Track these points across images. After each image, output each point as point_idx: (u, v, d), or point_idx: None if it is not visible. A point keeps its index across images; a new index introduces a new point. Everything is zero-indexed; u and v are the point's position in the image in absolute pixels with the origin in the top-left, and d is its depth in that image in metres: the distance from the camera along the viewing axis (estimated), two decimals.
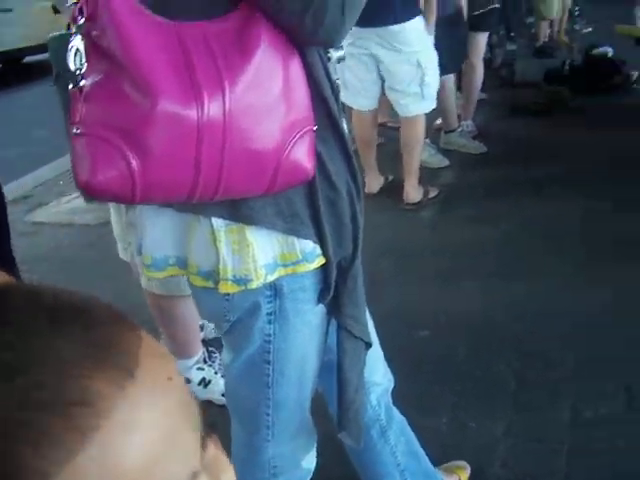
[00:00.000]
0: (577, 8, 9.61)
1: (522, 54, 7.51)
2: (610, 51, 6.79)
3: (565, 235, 3.58)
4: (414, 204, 4.02)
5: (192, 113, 0.97)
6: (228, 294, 1.18)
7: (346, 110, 4.04)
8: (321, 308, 1.26)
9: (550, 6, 8.21)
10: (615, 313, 2.86)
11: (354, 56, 3.67)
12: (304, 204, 1.15)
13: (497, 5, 4.95)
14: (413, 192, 4.04)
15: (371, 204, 3.90)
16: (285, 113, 1.04)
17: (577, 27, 9.45)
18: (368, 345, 1.32)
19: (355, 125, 4.10)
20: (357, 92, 3.95)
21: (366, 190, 4.10)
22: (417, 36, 3.65)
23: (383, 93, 3.97)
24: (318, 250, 1.18)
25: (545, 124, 5.59)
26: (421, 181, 4.11)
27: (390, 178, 4.29)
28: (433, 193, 4.10)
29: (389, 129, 5.01)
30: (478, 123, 5.30)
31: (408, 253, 3.45)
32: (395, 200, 4.07)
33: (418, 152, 4.03)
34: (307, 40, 1.07)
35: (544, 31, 8.40)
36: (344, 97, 3.95)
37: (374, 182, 4.20)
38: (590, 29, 9.44)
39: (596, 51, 6.85)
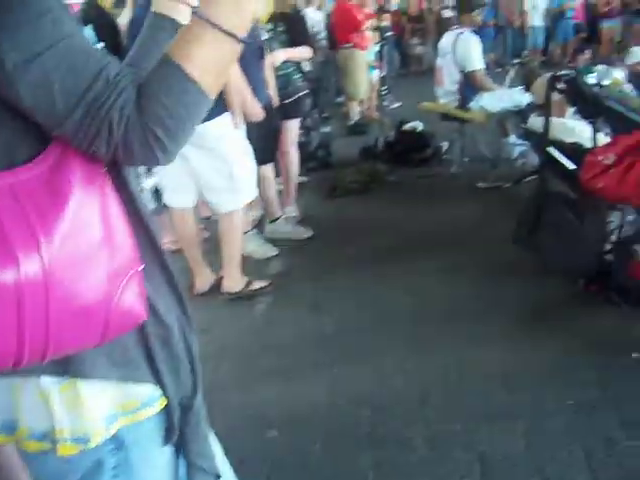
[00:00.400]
0: (385, 87, 10.33)
1: (337, 134, 7.89)
2: (420, 125, 7.30)
3: (398, 311, 3.78)
4: (233, 293, 4.06)
5: (7, 276, 0.93)
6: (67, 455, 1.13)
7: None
8: (168, 448, 1.25)
9: (358, 86, 8.71)
10: (455, 383, 3.04)
11: None
12: (137, 348, 1.14)
13: (306, 91, 5.23)
14: (231, 282, 4.08)
15: (203, 303, 3.94)
16: (110, 258, 1.01)
17: (386, 103, 10.12)
18: (218, 476, 1.32)
19: (176, 224, 4.14)
20: (173, 191, 4.00)
21: (196, 291, 4.12)
22: (223, 133, 3.73)
23: None
24: (157, 392, 1.17)
25: (366, 201, 5.92)
26: (248, 273, 4.17)
27: (221, 274, 4.33)
28: (259, 284, 4.14)
29: (214, 222, 5.07)
30: (301, 208, 5.48)
31: (246, 351, 3.47)
32: (227, 297, 4.11)
33: (236, 243, 4.08)
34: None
35: (355, 110, 8.89)
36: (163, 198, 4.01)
37: (204, 280, 4.19)
38: (400, 104, 10.14)
39: (407, 126, 7.33)
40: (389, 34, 11.29)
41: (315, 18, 8.85)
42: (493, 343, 3.36)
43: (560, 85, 3.39)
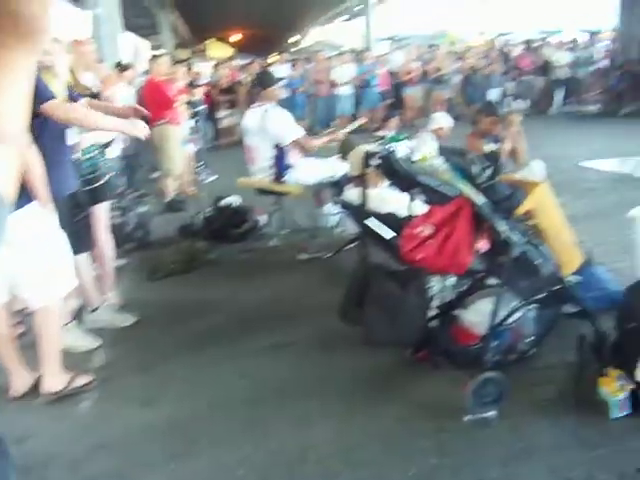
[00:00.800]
0: (200, 162, 10.39)
1: (154, 212, 7.81)
2: (237, 200, 7.40)
3: (232, 396, 3.76)
4: (55, 393, 3.84)
5: None
6: None
7: None
8: None
9: (174, 162, 8.70)
10: (296, 467, 3.06)
11: None
12: None
13: (114, 172, 5.16)
14: (51, 380, 3.87)
15: (21, 407, 3.73)
16: None
17: (202, 177, 10.19)
18: None
19: None
20: None
21: (12, 393, 3.87)
22: (29, 224, 3.59)
23: None
24: None
25: (189, 281, 5.88)
26: (70, 368, 3.95)
27: (40, 373, 4.09)
28: (83, 380, 3.95)
29: (28, 315, 4.83)
30: (122, 293, 5.35)
31: (74, 456, 3.27)
32: (48, 397, 3.87)
33: (55, 338, 3.89)
34: None
35: (171, 186, 8.84)
36: None
37: (21, 381, 3.92)
38: (216, 177, 10.24)
39: (224, 201, 7.40)
40: (201, 107, 11.43)
41: (127, 93, 8.81)
42: (330, 419, 3.42)
43: (374, 161, 3.56)
